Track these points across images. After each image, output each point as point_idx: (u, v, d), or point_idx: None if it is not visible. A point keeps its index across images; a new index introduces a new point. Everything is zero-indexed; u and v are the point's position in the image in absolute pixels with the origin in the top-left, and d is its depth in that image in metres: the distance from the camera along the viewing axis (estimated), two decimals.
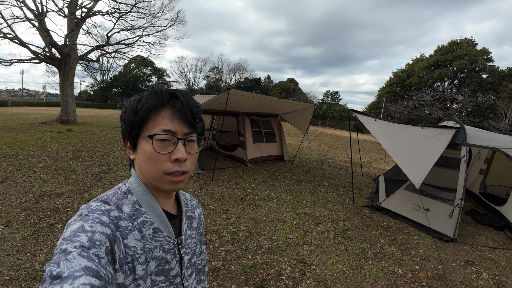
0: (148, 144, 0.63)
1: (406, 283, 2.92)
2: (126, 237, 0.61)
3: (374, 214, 4.83)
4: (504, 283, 3.09)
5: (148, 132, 0.63)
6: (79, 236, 0.52)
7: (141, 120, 0.64)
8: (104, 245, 0.54)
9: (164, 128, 0.63)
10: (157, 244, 0.67)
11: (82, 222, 0.56)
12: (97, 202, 0.64)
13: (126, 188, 0.69)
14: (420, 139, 4.52)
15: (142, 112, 0.63)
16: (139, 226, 0.65)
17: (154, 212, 0.68)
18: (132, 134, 0.65)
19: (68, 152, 7.17)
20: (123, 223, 0.62)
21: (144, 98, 0.65)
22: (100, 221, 0.57)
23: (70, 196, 4.26)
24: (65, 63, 13.03)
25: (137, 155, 0.67)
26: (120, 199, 0.66)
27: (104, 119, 18.03)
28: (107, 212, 0.61)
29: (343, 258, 3.30)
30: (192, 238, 0.80)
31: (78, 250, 0.50)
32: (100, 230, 0.55)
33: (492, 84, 30.20)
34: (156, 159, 0.63)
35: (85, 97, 44.43)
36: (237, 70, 48.05)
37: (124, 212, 0.64)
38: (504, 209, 4.87)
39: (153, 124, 0.63)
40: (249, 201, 4.90)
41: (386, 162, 10.64)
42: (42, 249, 2.82)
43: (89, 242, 0.52)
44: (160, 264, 0.67)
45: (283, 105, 7.78)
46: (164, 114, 0.64)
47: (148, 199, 0.68)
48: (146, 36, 15.99)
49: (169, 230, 0.70)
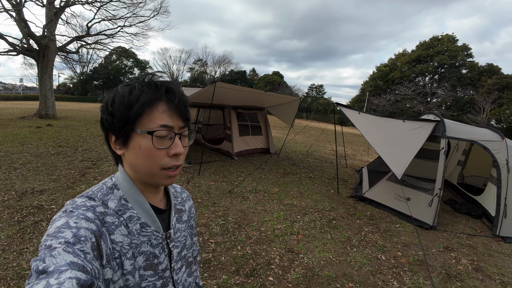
0: (144, 140, 0.61)
1: (389, 268, 3.08)
2: (112, 233, 0.60)
3: (358, 204, 5.00)
4: (483, 268, 3.29)
5: (144, 127, 0.61)
6: (63, 232, 0.52)
7: (136, 115, 0.61)
8: (89, 240, 0.53)
9: (162, 124, 0.62)
10: (144, 239, 0.66)
11: (66, 219, 0.55)
12: (82, 198, 0.63)
13: (112, 183, 0.67)
14: (402, 131, 4.68)
15: (138, 106, 0.60)
16: (126, 221, 0.64)
17: (141, 207, 0.67)
18: (124, 129, 0.62)
19: (49, 148, 6.94)
20: (109, 218, 0.61)
21: (136, 90, 0.62)
22: (85, 217, 0.56)
23: (54, 193, 4.16)
24: (44, 55, 12.47)
25: (130, 151, 0.64)
26: (106, 195, 0.65)
27: (84, 113, 17.47)
28: (92, 208, 0.60)
29: (329, 246, 3.42)
30: (181, 231, 0.79)
31: (63, 246, 0.49)
32: (85, 226, 0.55)
33: (471, 79, 31.25)
34: (155, 154, 0.62)
35: (64, 90, 42.68)
36: (222, 62, 47.47)
37: (109, 207, 0.63)
38: (481, 198, 5.14)
39: (148, 119, 0.61)
40: (236, 193, 4.95)
41: (369, 154, 10.94)
42: (28, 248, 2.77)
43: (74, 238, 0.51)
44: (148, 259, 0.66)
45: (269, 98, 7.82)
46: (162, 109, 0.62)
47: (134, 194, 0.67)
48: (128, 27, 15.51)
49: (157, 225, 0.70)
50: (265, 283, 2.61)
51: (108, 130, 0.65)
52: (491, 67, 31.04)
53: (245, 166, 7.04)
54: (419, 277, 2.97)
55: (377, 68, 40.77)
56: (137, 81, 0.64)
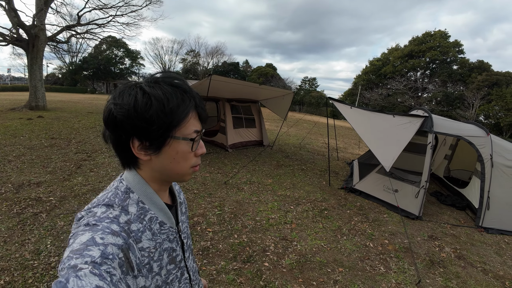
0: (181, 145, 0.64)
1: (377, 254, 3.28)
2: (140, 240, 0.60)
3: (349, 195, 5.20)
4: (465, 256, 3.51)
5: (182, 133, 0.64)
6: (90, 250, 0.49)
7: (177, 123, 0.62)
8: (117, 258, 0.51)
9: (195, 129, 0.66)
10: (164, 236, 0.68)
11: (92, 233, 0.52)
12: (101, 208, 0.60)
13: (125, 187, 0.66)
14: (392, 126, 4.84)
15: (182, 115, 0.62)
16: (148, 224, 0.64)
17: (157, 206, 0.68)
18: (163, 136, 0.61)
19: (41, 140, 6.90)
20: (134, 226, 0.60)
21: (175, 97, 0.62)
22: (111, 231, 0.54)
23: (51, 185, 4.19)
24: (33, 45, 12.15)
25: (163, 156, 0.64)
26: (124, 200, 0.63)
27: (75, 104, 17.19)
28: (116, 219, 0.58)
29: (321, 234, 3.60)
30: (184, 222, 0.83)
31: (90, 266, 0.46)
32: (112, 242, 0.52)
33: (461, 75, 31.75)
34: (189, 157, 0.66)
35: (53, 81, 41.59)
36: (215, 53, 47.00)
37: (131, 213, 0.62)
38: (466, 191, 5.37)
39: (185, 126, 0.64)
40: (232, 185, 5.08)
41: (360, 148, 11.19)
42: (30, 239, 2.81)
43: (101, 258, 0.48)
44: (170, 254, 0.70)
45: (263, 91, 7.90)
46: (193, 115, 0.65)
47: (150, 195, 0.67)
48: (120, 16, 15.19)
49: (172, 221, 0.72)
50: (261, 268, 2.77)
51: (133, 135, 0.61)
52: (481, 64, 31.56)
53: (239, 158, 7.17)
54: (404, 263, 3.17)
55: (370, 62, 41.05)
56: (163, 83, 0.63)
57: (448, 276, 3.03)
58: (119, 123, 0.59)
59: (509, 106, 24.17)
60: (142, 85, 0.61)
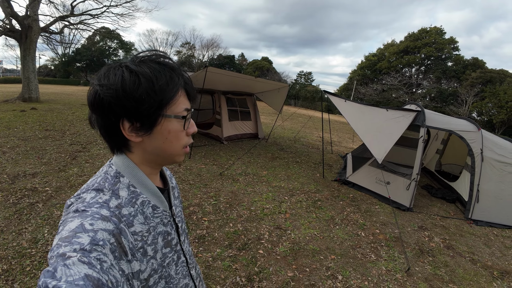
0: (172, 124, 0.63)
1: (368, 243, 3.38)
2: (132, 225, 0.59)
3: (342, 187, 5.31)
4: (454, 246, 3.62)
5: (172, 112, 0.62)
6: (79, 237, 0.47)
7: (168, 101, 0.61)
8: (108, 243, 0.50)
9: (186, 107, 0.65)
10: (158, 220, 0.67)
11: (81, 220, 0.51)
12: (91, 193, 0.58)
13: (114, 171, 0.64)
14: (385, 120, 4.92)
15: (171, 92, 0.61)
16: (140, 207, 0.63)
17: (149, 190, 0.67)
18: (154, 115, 0.60)
19: (35, 132, 6.85)
20: (125, 210, 0.59)
21: (163, 75, 0.60)
22: (100, 216, 0.53)
23: (47, 176, 4.19)
24: (26, 36, 11.94)
25: (155, 136, 0.63)
26: (114, 184, 0.61)
27: (68, 96, 16.99)
28: (106, 204, 0.57)
29: (314, 224, 3.69)
30: (178, 206, 0.83)
31: (79, 254, 0.45)
32: (102, 227, 0.51)
33: (456, 72, 31.93)
34: (181, 136, 0.66)
35: (46, 73, 40.78)
36: (210, 46, 46.52)
37: (122, 197, 0.60)
38: (456, 184, 5.50)
39: (176, 104, 0.63)
40: (227, 176, 5.14)
41: (354, 142, 11.31)
42: (27, 228, 2.83)
43: (90, 245, 0.47)
44: (165, 238, 0.69)
45: (259, 84, 7.92)
46: (182, 93, 0.65)
47: (141, 179, 0.66)
48: (114, 7, 14.96)
49: (165, 204, 0.71)
50: (256, 255, 2.84)
51: (123, 117, 0.59)
52: (476, 61, 31.78)
53: (234, 150, 7.21)
54: (394, 251, 3.28)
55: (365, 58, 41.06)
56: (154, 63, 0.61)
57: (437, 265, 3.14)
58: (107, 105, 0.57)
59: (502, 104, 24.46)
60: (128, 64, 0.59)
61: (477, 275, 3.07)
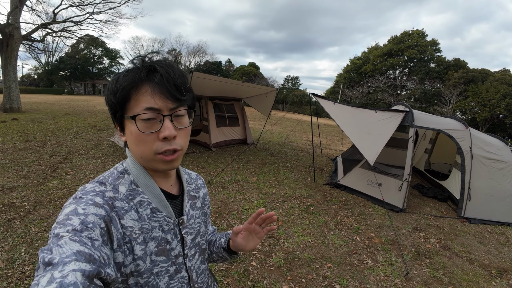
0: (133, 125, 0.60)
1: (364, 248, 3.28)
2: (122, 217, 0.60)
3: (334, 191, 5.22)
4: (450, 246, 3.58)
5: (131, 112, 0.60)
6: (71, 220, 0.51)
7: (122, 101, 0.60)
8: (98, 226, 0.53)
9: (146, 106, 0.59)
10: (156, 224, 0.65)
11: (75, 205, 0.55)
12: (93, 184, 0.62)
13: (123, 168, 0.67)
14: (374, 121, 4.90)
15: (121, 92, 0.59)
16: (136, 206, 0.63)
17: (152, 192, 0.66)
18: (116, 116, 0.62)
19: (15, 143, 6.53)
20: (118, 203, 0.60)
21: (122, 76, 0.61)
22: (93, 202, 0.56)
23: (25, 190, 3.96)
24: (7, 44, 11.54)
25: (127, 137, 0.64)
26: (116, 179, 0.64)
27: (51, 106, 16.48)
28: (101, 193, 0.59)
29: (308, 231, 3.57)
30: (195, 218, 0.77)
31: (70, 234, 0.49)
32: (93, 212, 0.54)
33: (438, 73, 32.89)
34: (144, 139, 0.60)
35: (29, 82, 39.78)
36: (197, 52, 46.33)
37: (120, 192, 0.62)
38: (446, 183, 5.52)
39: (134, 104, 0.59)
40: (216, 184, 4.98)
41: (343, 144, 11.35)
42: (4, 247, 2.64)
43: (81, 225, 0.51)
44: (160, 244, 0.65)
45: (246, 89, 7.84)
46: (144, 91, 0.59)
47: (145, 179, 0.66)
48: (97, 14, 14.66)
49: (168, 210, 0.68)
50: (248, 268, 2.70)
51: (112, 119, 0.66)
52: (457, 62, 32.80)
53: (223, 157, 7.06)
54: (391, 255, 3.19)
55: (350, 61, 41.82)
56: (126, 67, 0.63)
57: (435, 267, 3.07)
58: None
59: (484, 102, 25.23)
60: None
61: (475, 275, 3.02)
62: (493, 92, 24.72)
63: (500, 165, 4.62)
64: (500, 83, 25.28)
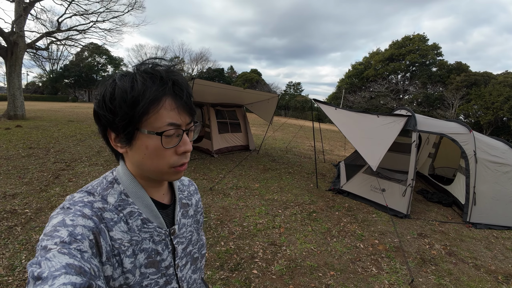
0: (151, 140, 0.58)
1: (368, 255, 3.22)
2: (111, 229, 0.58)
3: (337, 197, 5.17)
4: (456, 252, 3.51)
5: (151, 127, 0.57)
6: (59, 231, 0.50)
7: (142, 114, 0.56)
8: (86, 238, 0.51)
9: (170, 122, 0.57)
10: (146, 235, 0.63)
11: (63, 216, 0.53)
12: (81, 193, 0.60)
13: (112, 177, 0.64)
14: (376, 126, 4.87)
15: (144, 104, 0.55)
16: (125, 217, 0.61)
17: (142, 202, 0.64)
18: (128, 128, 0.57)
19: (19, 150, 6.58)
20: (107, 214, 0.58)
21: (139, 84, 0.56)
22: (82, 213, 0.54)
23: (27, 197, 3.96)
24: (12, 52, 11.73)
25: (135, 151, 0.60)
26: (105, 189, 0.62)
27: (55, 113, 16.65)
28: (90, 204, 0.57)
29: (310, 238, 3.52)
30: (187, 226, 0.75)
31: (59, 247, 0.47)
32: (82, 224, 0.52)
33: (440, 77, 32.76)
34: (163, 154, 0.59)
35: (33, 89, 40.28)
36: (200, 60, 46.68)
37: (109, 203, 0.60)
38: (451, 188, 5.44)
39: (155, 118, 0.57)
40: (217, 190, 4.95)
41: (346, 149, 11.28)
42: (4, 253, 2.63)
43: (69, 237, 0.49)
44: (150, 256, 0.63)
45: (248, 95, 7.85)
46: (168, 106, 0.57)
47: (135, 189, 0.64)
48: (101, 22, 14.90)
49: (160, 221, 0.66)
50: (250, 276, 2.65)
51: (107, 127, 0.60)
52: (459, 65, 32.69)
53: (225, 163, 7.04)
54: (396, 262, 3.13)
55: (352, 66, 41.85)
56: (138, 72, 0.58)
57: (440, 274, 3.01)
58: (95, 114, 0.60)
59: (488, 105, 25.03)
60: (116, 75, 0.59)
61: (482, 281, 2.95)
62: (496, 95, 24.54)
63: (505, 168, 4.55)
64: (503, 85, 25.07)
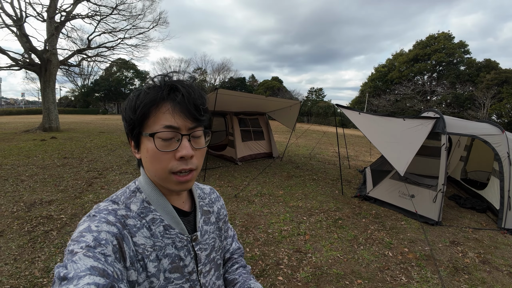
0: (150, 143, 0.60)
1: (397, 264, 3.11)
2: (134, 235, 0.61)
3: (363, 204, 5.03)
4: (490, 260, 3.30)
5: (149, 130, 0.60)
6: (85, 236, 0.53)
7: (141, 118, 0.60)
8: (110, 243, 0.55)
9: (166, 124, 0.59)
10: (169, 241, 0.66)
11: (89, 223, 0.57)
12: (106, 202, 0.64)
13: (135, 187, 0.68)
14: (403, 130, 4.72)
15: (141, 108, 0.60)
16: (148, 223, 0.64)
17: (164, 209, 0.67)
18: (134, 132, 0.63)
19: (54, 160, 7.04)
20: (130, 221, 0.61)
21: (143, 93, 0.61)
22: (106, 220, 0.58)
23: (62, 203, 4.23)
24: (46, 69, 12.68)
25: (142, 155, 0.64)
26: (129, 198, 0.66)
27: (87, 125, 17.64)
28: (114, 211, 0.61)
29: (336, 245, 3.45)
30: (210, 233, 0.77)
31: (84, 250, 0.51)
32: (106, 229, 0.56)
33: (469, 76, 31.24)
34: (160, 158, 0.61)
35: (66, 103, 43.00)
36: (221, 70, 47.90)
37: (132, 210, 0.64)
38: (485, 192, 5.14)
39: (153, 121, 0.60)
40: (242, 197, 5.00)
41: (372, 155, 10.97)
42: (40, 256, 2.81)
43: (94, 242, 0.53)
44: (174, 261, 0.66)
45: (270, 103, 7.90)
46: (165, 109, 0.60)
47: (156, 197, 0.67)
48: (128, 39, 15.76)
49: (181, 227, 0.69)
50: (275, 283, 2.65)
51: (127, 135, 0.66)
52: (489, 63, 31.04)
53: (249, 170, 7.10)
54: (426, 271, 3.00)
55: (375, 69, 40.93)
56: (147, 84, 0.64)
57: (473, 283, 2.84)
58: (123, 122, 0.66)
59: None
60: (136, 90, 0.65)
61: None
62: None
63: None
64: None
